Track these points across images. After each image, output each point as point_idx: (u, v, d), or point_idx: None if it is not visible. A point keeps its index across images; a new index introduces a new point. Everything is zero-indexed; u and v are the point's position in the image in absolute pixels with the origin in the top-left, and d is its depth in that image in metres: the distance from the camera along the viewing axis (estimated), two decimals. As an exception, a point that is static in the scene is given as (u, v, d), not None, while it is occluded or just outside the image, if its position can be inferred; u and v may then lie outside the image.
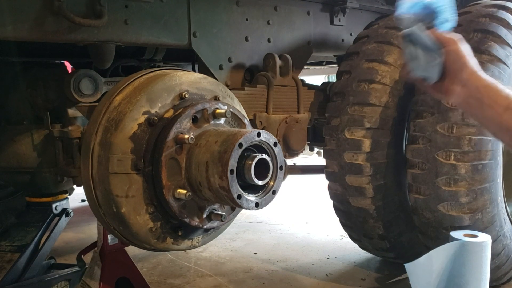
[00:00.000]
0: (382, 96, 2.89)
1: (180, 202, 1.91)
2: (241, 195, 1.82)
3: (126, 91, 1.98)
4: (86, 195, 1.98)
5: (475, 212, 2.62)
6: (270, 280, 3.47)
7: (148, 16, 2.48)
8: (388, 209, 3.02)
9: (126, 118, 1.87)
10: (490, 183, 2.65)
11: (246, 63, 2.99)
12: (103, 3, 2.26)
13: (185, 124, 1.92)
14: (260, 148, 1.93)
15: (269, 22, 3.07)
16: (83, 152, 1.97)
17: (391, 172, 2.96)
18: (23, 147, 2.74)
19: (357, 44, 3.19)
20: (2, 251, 2.89)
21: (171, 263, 3.82)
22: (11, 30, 2.07)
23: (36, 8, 2.12)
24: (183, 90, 2.01)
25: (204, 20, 2.72)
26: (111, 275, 2.48)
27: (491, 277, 2.46)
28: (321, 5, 3.39)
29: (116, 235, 2.07)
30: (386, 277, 3.51)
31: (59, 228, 3.04)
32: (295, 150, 3.12)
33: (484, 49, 2.68)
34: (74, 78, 2.57)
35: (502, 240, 2.81)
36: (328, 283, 3.43)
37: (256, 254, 4.07)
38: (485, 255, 2.35)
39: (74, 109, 2.67)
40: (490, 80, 1.41)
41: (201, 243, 2.13)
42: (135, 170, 1.87)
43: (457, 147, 2.58)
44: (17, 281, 2.81)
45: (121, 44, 2.45)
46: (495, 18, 2.80)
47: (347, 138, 2.91)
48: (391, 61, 2.95)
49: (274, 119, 2.96)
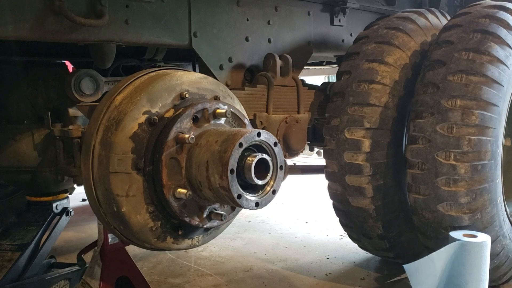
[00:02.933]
0: (382, 97, 2.90)
1: (180, 201, 1.91)
2: (241, 194, 1.83)
3: (127, 91, 1.98)
4: (87, 194, 1.99)
5: (474, 212, 2.63)
6: (270, 280, 3.48)
7: (149, 16, 2.48)
8: (387, 209, 3.02)
9: (127, 118, 1.88)
10: (490, 184, 2.65)
11: (246, 63, 2.99)
12: (104, 3, 2.27)
13: (186, 123, 1.93)
14: (260, 148, 1.94)
15: (269, 22, 3.08)
16: (83, 152, 1.98)
17: (390, 172, 2.97)
18: (24, 146, 2.75)
19: (357, 44, 3.19)
20: (3, 250, 2.90)
21: (171, 262, 3.82)
22: (12, 30, 2.08)
23: (37, 8, 2.13)
24: (183, 90, 2.01)
25: (204, 20, 2.72)
26: (111, 274, 2.49)
27: (490, 277, 2.47)
28: (321, 5, 3.40)
29: (116, 234, 2.07)
30: (385, 277, 3.51)
31: (60, 227, 3.05)
32: (295, 150, 3.12)
33: (484, 49, 2.68)
34: (75, 78, 2.58)
35: (502, 240, 2.81)
36: (328, 282, 3.44)
37: (256, 254, 4.08)
38: (485, 255, 2.36)
39: (74, 108, 2.68)
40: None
41: (201, 242, 2.13)
42: (135, 170, 1.88)
43: (457, 147, 2.58)
44: (17, 280, 2.82)
45: (121, 44, 2.46)
46: (495, 18, 2.80)
47: (347, 138, 2.92)
48: (391, 61, 2.96)
49: (274, 119, 2.96)
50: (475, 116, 2.58)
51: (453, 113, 2.61)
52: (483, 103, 2.60)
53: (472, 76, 2.63)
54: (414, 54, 3.03)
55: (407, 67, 2.99)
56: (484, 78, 2.63)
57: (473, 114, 2.58)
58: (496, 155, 2.69)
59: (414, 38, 3.07)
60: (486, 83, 2.62)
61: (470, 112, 2.59)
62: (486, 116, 2.60)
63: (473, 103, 2.59)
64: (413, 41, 3.06)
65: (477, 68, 2.64)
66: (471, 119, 2.58)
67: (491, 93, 2.62)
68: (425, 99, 2.71)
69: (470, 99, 2.60)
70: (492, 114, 2.62)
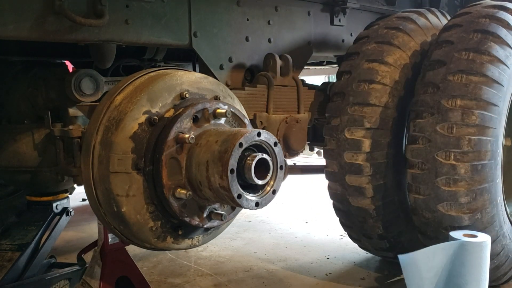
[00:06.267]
0: (382, 96, 2.90)
1: (180, 201, 1.91)
2: (241, 194, 1.83)
3: (127, 91, 1.98)
4: (87, 194, 1.99)
5: (474, 212, 2.63)
6: (270, 280, 3.48)
7: (149, 16, 2.48)
8: (387, 209, 3.02)
9: (127, 118, 1.88)
10: (490, 183, 2.65)
11: (246, 63, 2.99)
12: (104, 3, 2.27)
13: (186, 123, 1.93)
14: (260, 147, 1.94)
15: (269, 22, 3.08)
16: (83, 152, 1.98)
17: (390, 172, 2.97)
18: (24, 146, 2.75)
19: (357, 44, 3.19)
20: (3, 250, 2.90)
21: (171, 262, 3.83)
22: (12, 30, 2.08)
23: (37, 8, 2.12)
24: (183, 90, 2.01)
25: (204, 20, 2.72)
26: (112, 274, 2.49)
27: (491, 277, 2.47)
28: (321, 5, 3.40)
29: (116, 234, 2.07)
30: (385, 276, 3.51)
31: (60, 227, 3.05)
32: (295, 150, 3.12)
33: (484, 49, 2.68)
34: (75, 78, 2.58)
35: (502, 240, 2.81)
36: (328, 282, 3.44)
37: (256, 254, 4.08)
38: (485, 255, 2.36)
39: (75, 108, 2.68)
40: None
41: (201, 242, 2.14)
42: (135, 170, 1.88)
43: (457, 147, 2.58)
44: (17, 280, 2.82)
45: (122, 43, 2.46)
46: (495, 18, 2.80)
47: (347, 138, 2.92)
48: (391, 61, 2.96)
49: (274, 119, 2.96)
50: (475, 116, 2.58)
51: (453, 113, 2.60)
52: (483, 103, 2.60)
53: (472, 76, 2.63)
54: (414, 54, 3.03)
55: (407, 67, 2.99)
56: (484, 78, 2.63)
57: (473, 114, 2.58)
58: (496, 155, 2.69)
59: (414, 38, 3.07)
60: (486, 83, 2.62)
61: (470, 112, 2.59)
62: (486, 116, 2.60)
63: (473, 103, 2.59)
64: (413, 41, 3.06)
65: (477, 68, 2.64)
66: (471, 119, 2.58)
67: (491, 93, 2.62)
68: (425, 99, 2.71)
69: (470, 99, 2.60)
70: (492, 114, 2.62)
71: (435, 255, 2.28)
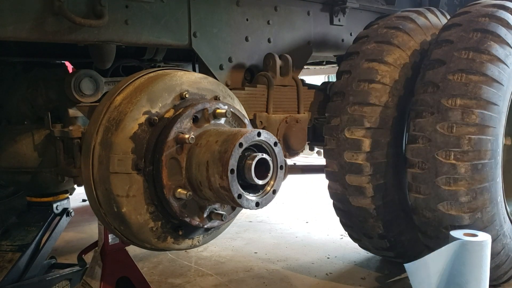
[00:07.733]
0: (382, 96, 2.90)
1: (180, 201, 1.91)
2: (242, 194, 1.83)
3: (127, 91, 1.98)
4: (87, 194, 1.99)
5: (474, 212, 2.63)
6: (271, 280, 3.48)
7: (149, 16, 2.48)
8: (388, 209, 3.02)
9: (127, 118, 1.88)
10: (490, 183, 2.65)
11: (246, 63, 2.99)
12: (104, 3, 2.27)
13: (186, 124, 1.93)
14: (261, 147, 1.93)
15: (269, 22, 3.08)
16: (84, 152, 1.98)
17: (391, 172, 2.97)
18: (24, 147, 2.75)
19: (357, 44, 3.19)
20: (3, 250, 2.90)
21: (171, 263, 3.83)
22: (12, 31, 2.08)
23: (36, 9, 2.12)
24: (183, 90, 2.01)
25: (204, 20, 2.72)
26: (112, 274, 2.49)
27: (491, 276, 2.47)
28: (321, 5, 3.40)
29: (116, 235, 2.07)
30: (386, 276, 3.51)
31: (60, 228, 3.05)
32: (295, 150, 3.12)
33: (484, 48, 2.68)
34: (75, 78, 2.58)
35: (502, 239, 2.81)
36: (328, 282, 3.44)
37: (257, 254, 4.08)
38: (485, 254, 2.36)
39: (74, 109, 2.68)
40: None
41: (201, 242, 2.13)
42: (135, 170, 1.88)
43: (457, 146, 2.58)
44: (18, 280, 2.82)
45: (121, 44, 2.46)
46: (494, 17, 2.80)
47: (347, 138, 2.92)
48: (391, 61, 2.96)
49: (274, 119, 2.96)
50: (475, 115, 2.58)
51: (453, 112, 2.61)
52: (483, 102, 2.60)
53: (472, 75, 2.63)
54: (414, 54, 3.03)
55: (407, 66, 2.99)
56: (484, 77, 2.63)
57: (473, 113, 2.59)
58: (496, 154, 2.69)
59: (414, 38, 3.07)
60: (486, 82, 2.62)
61: (470, 111, 2.59)
62: (486, 115, 2.60)
63: (473, 102, 2.59)
64: (413, 41, 3.06)
65: (477, 67, 2.64)
66: (471, 118, 2.58)
67: (491, 92, 2.62)
68: (425, 99, 2.71)
69: (470, 98, 2.60)
70: (492, 113, 2.62)
71: (438, 258, 2.28)
